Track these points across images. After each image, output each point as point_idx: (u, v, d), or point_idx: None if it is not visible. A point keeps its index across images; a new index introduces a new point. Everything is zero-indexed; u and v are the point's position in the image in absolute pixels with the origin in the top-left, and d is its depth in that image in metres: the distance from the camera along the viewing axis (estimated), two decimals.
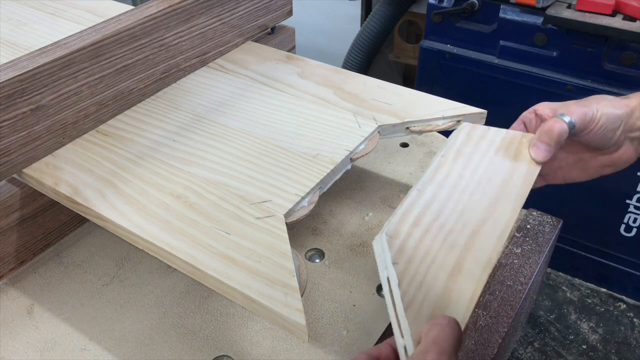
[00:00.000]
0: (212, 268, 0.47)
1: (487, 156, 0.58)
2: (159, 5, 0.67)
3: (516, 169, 0.56)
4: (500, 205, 0.52)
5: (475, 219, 0.50)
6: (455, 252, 0.47)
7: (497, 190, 0.54)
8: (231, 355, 0.55)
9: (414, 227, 0.48)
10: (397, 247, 0.45)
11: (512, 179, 0.55)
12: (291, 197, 0.54)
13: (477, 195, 0.53)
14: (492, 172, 0.56)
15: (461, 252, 0.47)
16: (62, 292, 0.62)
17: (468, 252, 0.47)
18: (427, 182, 0.53)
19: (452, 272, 0.45)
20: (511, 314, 0.58)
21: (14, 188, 0.60)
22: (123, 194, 0.55)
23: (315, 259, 0.65)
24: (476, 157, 0.57)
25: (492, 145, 0.59)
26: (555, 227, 0.69)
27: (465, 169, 0.56)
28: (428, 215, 0.50)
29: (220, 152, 0.60)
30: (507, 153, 0.58)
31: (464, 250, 0.47)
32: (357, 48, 1.70)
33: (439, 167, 0.55)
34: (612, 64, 1.21)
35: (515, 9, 1.27)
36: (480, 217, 0.51)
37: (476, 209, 0.51)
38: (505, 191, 0.54)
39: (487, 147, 0.59)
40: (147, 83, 0.68)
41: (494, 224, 0.50)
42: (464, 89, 1.40)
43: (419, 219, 0.49)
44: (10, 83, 0.54)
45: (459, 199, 0.52)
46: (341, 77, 0.72)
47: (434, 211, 0.50)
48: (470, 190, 0.53)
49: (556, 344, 1.42)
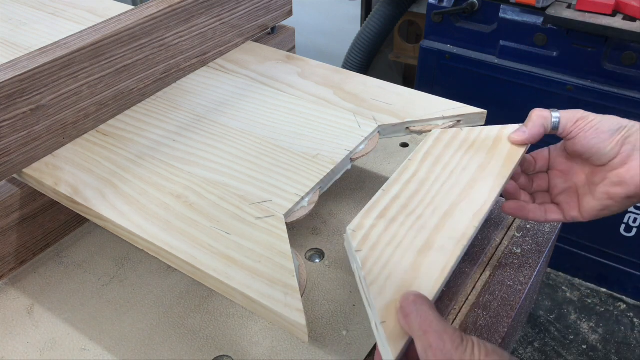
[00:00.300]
0: (212, 268, 0.47)
1: (460, 151, 0.58)
2: (159, 5, 0.67)
3: (495, 155, 0.57)
4: (477, 188, 0.53)
5: (447, 204, 0.51)
6: (425, 233, 0.48)
7: (472, 176, 0.54)
8: (231, 355, 0.55)
9: (378, 219, 0.50)
10: (360, 237, 0.47)
11: (490, 164, 0.56)
12: (291, 197, 0.54)
13: (450, 184, 0.54)
14: (466, 162, 0.56)
15: (431, 232, 0.48)
16: (62, 292, 0.62)
17: (439, 232, 0.48)
18: (393, 182, 0.54)
19: (421, 250, 0.46)
20: (511, 314, 0.58)
21: (14, 188, 0.60)
22: (123, 194, 0.55)
23: (315, 259, 0.65)
24: (447, 154, 0.57)
25: (466, 142, 0.59)
26: (555, 227, 0.69)
27: (435, 166, 0.56)
28: (394, 208, 0.51)
29: (220, 152, 0.60)
30: (483, 145, 0.58)
31: (434, 231, 0.48)
32: (357, 48, 1.70)
33: (406, 168, 0.56)
34: (612, 64, 1.21)
35: (515, 9, 1.27)
36: (452, 201, 0.52)
37: (448, 195, 0.52)
38: (482, 175, 0.54)
39: (459, 145, 0.59)
40: (147, 83, 0.68)
41: (469, 203, 0.51)
42: (464, 89, 1.40)
43: (384, 212, 0.50)
44: (10, 83, 0.54)
45: (429, 190, 0.53)
46: (341, 77, 0.72)
47: (400, 203, 0.51)
48: (441, 181, 0.54)
49: (556, 344, 1.42)
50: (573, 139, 0.55)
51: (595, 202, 0.55)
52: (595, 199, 0.55)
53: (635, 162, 0.52)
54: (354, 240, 0.47)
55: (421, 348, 0.37)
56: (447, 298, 0.59)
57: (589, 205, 0.55)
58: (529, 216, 0.59)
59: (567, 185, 0.58)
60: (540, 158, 0.60)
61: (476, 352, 0.36)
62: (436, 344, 0.36)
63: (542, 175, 0.61)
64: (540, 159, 0.60)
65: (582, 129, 0.54)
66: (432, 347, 0.36)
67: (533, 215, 0.58)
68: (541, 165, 0.60)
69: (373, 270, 0.44)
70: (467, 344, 0.36)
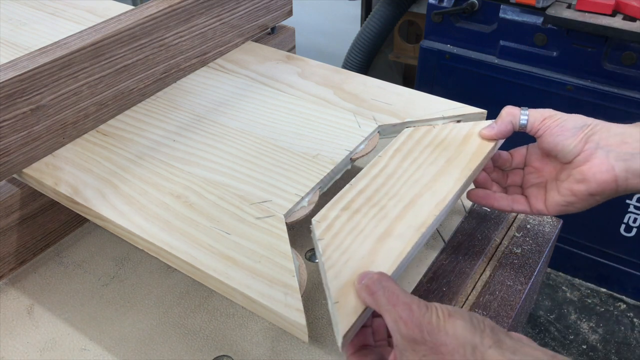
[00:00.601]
0: (212, 268, 0.47)
1: (430, 147, 0.59)
2: (159, 5, 0.67)
3: (463, 150, 0.58)
4: (442, 180, 0.55)
5: (411, 195, 0.53)
6: (386, 222, 0.50)
7: (439, 169, 0.56)
8: (231, 355, 0.55)
9: (343, 211, 0.52)
10: (323, 227, 0.50)
11: (457, 158, 0.57)
12: (291, 197, 0.54)
13: (416, 177, 0.55)
14: (434, 157, 0.58)
15: (392, 221, 0.50)
16: (62, 292, 0.62)
17: (400, 221, 0.50)
18: (361, 177, 0.56)
19: (380, 238, 0.49)
20: (511, 314, 0.58)
21: (14, 188, 0.60)
22: (123, 194, 0.55)
23: (315, 259, 0.65)
24: (417, 150, 0.59)
25: (437, 138, 0.61)
26: (555, 227, 0.69)
27: (404, 161, 0.58)
28: (359, 200, 0.53)
29: (220, 152, 0.60)
30: (453, 141, 0.60)
31: (395, 220, 0.51)
32: (357, 48, 1.70)
33: (375, 164, 0.57)
34: (612, 64, 1.21)
35: (515, 9, 1.27)
36: (416, 193, 0.54)
37: (413, 187, 0.54)
38: (448, 169, 0.56)
39: (430, 141, 0.60)
40: (147, 83, 0.68)
41: (432, 195, 0.53)
42: (464, 89, 1.40)
43: (349, 204, 0.53)
44: (10, 83, 0.54)
45: (395, 183, 0.55)
46: (341, 77, 0.72)
47: (366, 196, 0.53)
48: (408, 174, 0.56)
49: (556, 344, 1.42)
50: (541, 136, 0.56)
51: (560, 197, 0.56)
52: (560, 194, 0.56)
53: (597, 159, 0.52)
54: (318, 230, 0.50)
55: (391, 321, 0.40)
56: (447, 298, 0.59)
57: (554, 200, 0.56)
58: (494, 204, 0.60)
59: (538, 180, 0.60)
60: (518, 155, 0.62)
61: (440, 315, 0.39)
62: (405, 314, 0.39)
63: (518, 171, 0.62)
64: (517, 156, 0.62)
65: (548, 127, 0.55)
66: (402, 318, 0.39)
67: (498, 204, 0.60)
68: (518, 162, 0.62)
69: (332, 256, 0.47)
70: (431, 309, 0.39)
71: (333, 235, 0.49)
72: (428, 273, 0.62)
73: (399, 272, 0.48)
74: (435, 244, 0.66)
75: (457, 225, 0.68)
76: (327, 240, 0.49)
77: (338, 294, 0.44)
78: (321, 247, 0.48)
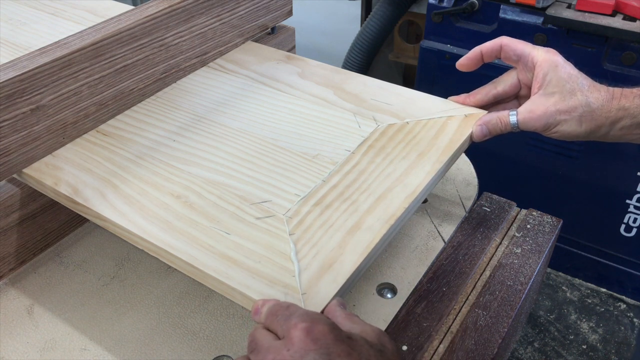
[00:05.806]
0: (212, 268, 0.47)
1: (403, 142, 0.60)
2: (159, 5, 0.67)
3: (436, 144, 0.60)
4: (413, 173, 0.56)
5: (382, 189, 0.55)
6: (356, 216, 0.52)
7: (410, 163, 0.57)
8: (231, 355, 0.55)
9: (315, 206, 0.53)
10: (295, 222, 0.51)
11: (429, 152, 0.59)
12: (291, 197, 0.54)
13: (387, 172, 0.57)
14: (407, 152, 0.59)
15: (362, 215, 0.52)
16: (62, 292, 0.62)
17: (370, 214, 0.52)
18: (334, 173, 0.57)
19: (350, 231, 0.50)
20: (511, 314, 0.58)
21: (14, 188, 0.60)
22: (123, 194, 0.55)
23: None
24: (390, 146, 0.60)
25: (410, 134, 0.62)
26: (555, 227, 0.69)
27: (377, 157, 0.59)
28: (332, 195, 0.54)
29: (220, 152, 0.60)
30: (426, 135, 0.61)
31: (365, 213, 0.52)
32: (357, 48, 1.70)
33: (348, 161, 0.58)
34: (612, 64, 1.21)
35: (515, 9, 1.27)
36: (387, 186, 0.55)
37: (384, 181, 0.56)
38: (420, 163, 0.57)
39: (403, 136, 0.61)
40: (147, 83, 0.68)
41: (403, 188, 0.55)
42: (464, 89, 1.40)
43: (321, 200, 0.54)
44: (10, 83, 0.54)
45: (367, 178, 0.56)
46: (341, 77, 0.72)
47: (338, 191, 0.55)
48: (380, 169, 0.57)
49: (556, 344, 1.43)
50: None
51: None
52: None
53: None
54: (289, 225, 0.51)
55: None
56: (447, 298, 0.59)
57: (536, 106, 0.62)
58: (471, 97, 0.67)
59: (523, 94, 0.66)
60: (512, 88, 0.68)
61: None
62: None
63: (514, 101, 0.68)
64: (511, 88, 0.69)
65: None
66: None
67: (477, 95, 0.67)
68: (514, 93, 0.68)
69: (302, 249, 0.49)
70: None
71: (304, 230, 0.51)
72: (428, 273, 0.62)
73: (368, 263, 0.49)
74: (435, 244, 0.66)
75: (457, 225, 0.68)
76: (298, 235, 0.50)
77: (306, 286, 0.45)
78: (292, 241, 0.50)
